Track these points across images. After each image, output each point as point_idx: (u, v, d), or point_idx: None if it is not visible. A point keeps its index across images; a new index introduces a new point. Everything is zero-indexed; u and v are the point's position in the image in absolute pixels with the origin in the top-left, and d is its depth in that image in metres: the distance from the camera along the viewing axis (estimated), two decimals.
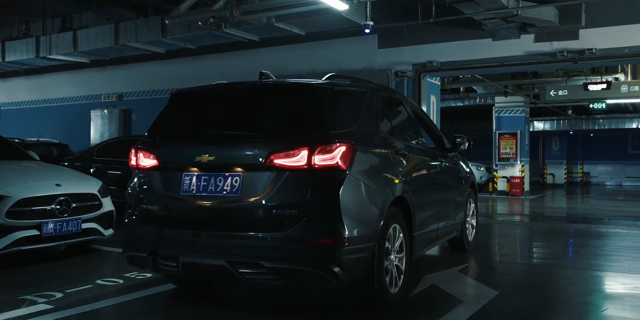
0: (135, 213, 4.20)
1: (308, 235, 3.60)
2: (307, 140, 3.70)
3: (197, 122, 4.33)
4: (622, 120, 26.47)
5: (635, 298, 4.57)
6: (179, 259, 3.88)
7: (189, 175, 3.94)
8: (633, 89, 15.07)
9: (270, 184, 3.69)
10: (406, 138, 5.00)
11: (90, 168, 10.17)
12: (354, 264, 3.68)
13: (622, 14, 9.55)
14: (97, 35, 12.81)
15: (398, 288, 4.20)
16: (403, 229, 4.29)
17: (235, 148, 3.93)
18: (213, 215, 3.88)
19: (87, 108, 15.43)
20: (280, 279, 3.69)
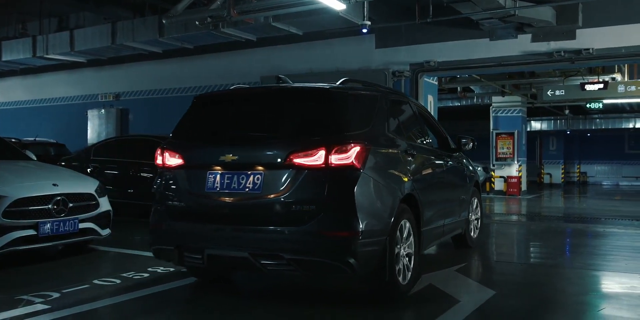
0: (161, 209, 4.46)
1: (325, 229, 3.87)
2: (325, 141, 3.97)
3: (219, 124, 4.61)
4: (619, 120, 26.52)
5: (632, 297, 4.58)
6: (204, 252, 4.13)
7: (213, 174, 4.21)
8: (630, 88, 15.11)
9: (290, 181, 3.97)
10: (414, 138, 5.26)
11: (87, 168, 10.15)
12: (368, 255, 3.94)
13: (619, 14, 9.57)
14: (94, 35, 12.78)
15: (407, 280, 4.45)
16: (412, 225, 4.55)
17: (257, 148, 4.20)
18: (236, 211, 4.16)
19: (84, 108, 15.41)
20: (299, 269, 3.96)
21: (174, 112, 14.09)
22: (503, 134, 18.43)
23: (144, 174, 9.84)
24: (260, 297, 4.72)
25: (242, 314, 4.10)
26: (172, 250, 4.31)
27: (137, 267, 5.53)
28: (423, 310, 4.27)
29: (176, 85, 14.02)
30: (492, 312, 4.13)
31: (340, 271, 3.93)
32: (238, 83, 13.30)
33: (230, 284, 5.08)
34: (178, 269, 5.45)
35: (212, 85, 13.35)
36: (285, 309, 4.21)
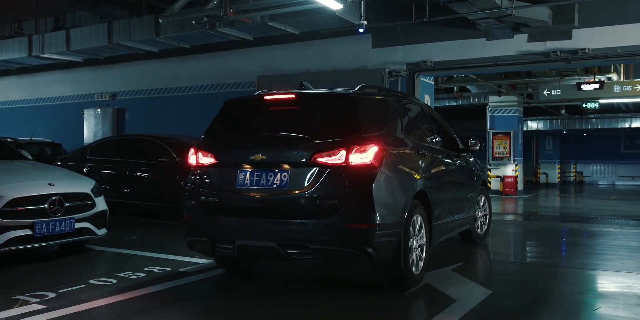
0: (194, 204, 4.85)
1: (346, 221, 4.26)
2: (345, 142, 4.38)
3: (248, 126, 4.99)
4: (615, 119, 26.58)
5: (628, 297, 4.59)
6: (235, 242, 4.53)
7: (243, 171, 4.62)
8: (626, 88, 15.13)
9: (314, 178, 4.36)
10: (424, 139, 5.66)
11: (83, 167, 10.13)
12: (385, 246, 4.34)
13: (615, 14, 9.59)
14: (90, 34, 12.75)
15: (419, 270, 4.83)
16: (424, 219, 4.94)
17: (284, 148, 4.59)
18: (265, 205, 4.55)
19: (80, 107, 15.36)
20: (322, 258, 4.36)
21: (171, 111, 14.17)
22: (499, 133, 18.46)
23: (140, 173, 9.82)
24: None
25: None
26: (205, 241, 4.71)
27: (133, 267, 5.52)
28: (420, 309, 4.27)
29: (173, 85, 13.99)
30: (488, 312, 4.13)
31: (359, 260, 4.34)
32: (235, 82, 13.32)
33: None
34: (175, 269, 5.45)
35: (208, 85, 13.34)
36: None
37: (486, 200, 7.34)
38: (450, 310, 4.10)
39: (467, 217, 6.49)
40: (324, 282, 5.11)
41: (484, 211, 7.23)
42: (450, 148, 6.33)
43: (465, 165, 6.65)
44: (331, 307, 4.25)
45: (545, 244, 7.66)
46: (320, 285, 4.99)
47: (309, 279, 5.31)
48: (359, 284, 5.07)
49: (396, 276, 4.63)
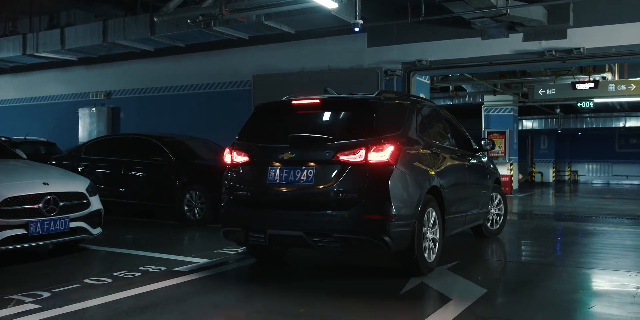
0: (230, 198, 5.32)
1: (366, 213, 4.74)
2: (365, 142, 4.86)
3: (277, 128, 5.51)
4: (609, 119, 26.67)
5: (622, 295, 4.61)
6: (266, 232, 5.01)
7: (273, 169, 5.10)
8: (620, 88, 15.18)
9: (336, 174, 4.85)
10: (439, 140, 6.08)
11: (78, 166, 10.11)
12: (400, 235, 4.80)
13: (609, 14, 9.62)
14: (85, 33, 12.70)
15: (433, 258, 5.30)
16: (437, 213, 5.39)
17: (310, 148, 5.05)
18: (293, 199, 5.02)
19: (75, 106, 15.31)
20: (344, 246, 4.85)
21: (166, 110, 14.14)
22: (495, 132, 18.49)
23: (135, 172, 9.81)
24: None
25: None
26: (239, 231, 5.19)
27: (128, 266, 5.51)
28: (415, 308, 4.28)
29: (168, 84, 13.95)
30: (483, 311, 4.14)
31: (377, 247, 4.82)
32: (230, 82, 13.30)
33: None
34: (170, 268, 5.44)
35: (204, 84, 13.32)
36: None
37: (500, 198, 7.71)
38: (445, 309, 4.11)
39: (479, 213, 6.92)
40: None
41: (497, 208, 7.65)
42: (464, 148, 6.77)
43: (479, 164, 7.08)
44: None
45: (540, 242, 7.68)
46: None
47: (312, 273, 5.32)
48: (357, 283, 5.08)
49: (411, 263, 5.08)
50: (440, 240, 5.44)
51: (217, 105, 13.02)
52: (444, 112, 6.76)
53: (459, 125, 7.02)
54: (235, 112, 12.67)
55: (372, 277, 5.23)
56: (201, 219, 8.88)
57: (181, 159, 9.49)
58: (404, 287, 4.74)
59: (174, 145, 9.87)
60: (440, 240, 5.43)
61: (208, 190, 8.91)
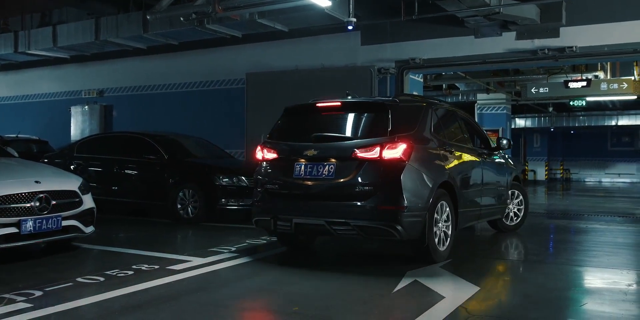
0: (261, 190, 5.87)
1: (380, 204, 5.24)
2: (380, 141, 5.36)
3: (303, 127, 6.04)
4: (601, 117, 26.82)
5: (614, 292, 4.63)
6: (292, 221, 5.56)
7: (299, 164, 5.64)
8: (612, 86, 15.27)
9: (354, 169, 5.36)
10: (454, 139, 6.53)
11: (70, 165, 10.07)
12: (411, 225, 5.27)
13: (601, 13, 9.65)
14: (77, 31, 12.64)
15: (445, 247, 5.79)
16: (450, 206, 5.85)
17: (331, 146, 5.59)
18: (315, 191, 5.55)
19: (67, 104, 15.23)
20: (361, 233, 5.37)
21: (159, 108, 14.09)
22: (488, 130, 18.50)
23: (128, 171, 9.77)
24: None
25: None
26: (268, 220, 5.71)
27: (121, 265, 5.49)
28: (408, 306, 4.29)
29: (161, 82, 13.91)
30: (476, 308, 4.15)
31: (390, 235, 5.28)
32: (223, 80, 13.27)
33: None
34: (163, 267, 5.43)
35: (197, 82, 13.29)
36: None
37: (520, 195, 8.04)
38: (438, 307, 4.12)
39: (496, 208, 7.38)
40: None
41: (517, 204, 8.04)
42: (482, 146, 7.33)
43: (496, 162, 7.50)
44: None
45: (532, 240, 7.71)
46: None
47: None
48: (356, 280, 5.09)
49: (422, 251, 5.57)
50: (453, 232, 5.94)
51: (210, 103, 13.00)
52: (461, 113, 7.24)
53: (477, 125, 7.66)
54: (228, 110, 12.66)
55: (367, 274, 5.23)
56: (194, 218, 8.87)
57: (174, 157, 9.47)
58: (397, 285, 4.75)
59: (167, 144, 9.84)
60: (452, 231, 5.92)
61: (201, 189, 8.90)
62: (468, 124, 7.21)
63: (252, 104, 11.90)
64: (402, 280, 4.93)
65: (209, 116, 12.92)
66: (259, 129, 11.70)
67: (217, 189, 8.85)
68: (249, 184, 9.01)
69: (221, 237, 7.45)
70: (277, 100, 11.60)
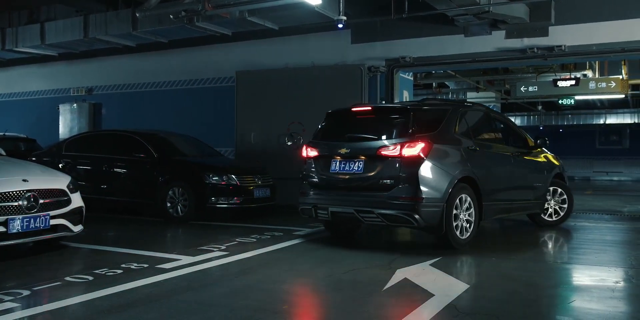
0: (305, 183, 6.85)
1: (401, 195, 6.05)
2: (401, 140, 6.17)
3: (340, 129, 6.96)
4: (590, 116, 27.04)
5: (602, 290, 4.67)
6: (328, 209, 6.47)
7: (335, 161, 6.57)
8: (600, 85, 15.38)
9: (379, 165, 6.22)
10: (482, 138, 7.17)
11: (59, 163, 10.00)
12: (428, 214, 6.01)
13: (590, 12, 9.70)
14: (65, 28, 12.52)
15: (466, 236, 6.43)
16: (472, 199, 6.48)
17: (360, 145, 6.49)
18: (347, 184, 6.48)
19: (55, 102, 15.10)
20: (384, 220, 6.18)
21: (148, 106, 14.03)
22: None
23: (117, 169, 9.73)
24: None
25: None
26: (310, 209, 6.67)
27: (110, 264, 5.47)
28: (398, 304, 4.30)
29: (150, 80, 13.82)
30: (465, 306, 4.17)
31: (409, 223, 6.07)
32: (213, 78, 13.23)
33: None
34: (153, 266, 5.41)
35: (186, 80, 13.23)
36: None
37: (564, 192, 8.43)
38: (428, 305, 4.13)
39: (532, 203, 7.86)
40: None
41: (559, 201, 8.42)
42: (518, 145, 7.89)
43: (532, 160, 7.98)
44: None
45: (521, 238, 7.75)
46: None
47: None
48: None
49: (441, 238, 6.27)
50: (476, 222, 6.55)
51: (200, 101, 12.94)
52: (495, 115, 7.97)
53: (515, 126, 8.38)
54: (218, 108, 12.61)
55: (360, 272, 5.24)
56: (184, 216, 8.84)
57: (164, 156, 9.43)
58: (387, 283, 4.76)
59: (156, 142, 9.80)
60: (475, 222, 6.53)
61: (191, 187, 8.87)
62: (503, 125, 8.01)
63: (242, 102, 11.87)
64: (392, 278, 4.94)
65: (199, 114, 12.87)
66: (249, 127, 11.68)
67: (207, 188, 8.83)
68: (239, 182, 9.01)
69: (211, 236, 7.44)
70: (267, 99, 11.62)
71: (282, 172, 10.68)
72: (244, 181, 9.10)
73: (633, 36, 9.35)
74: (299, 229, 7.96)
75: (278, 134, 11.33)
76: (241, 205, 9.05)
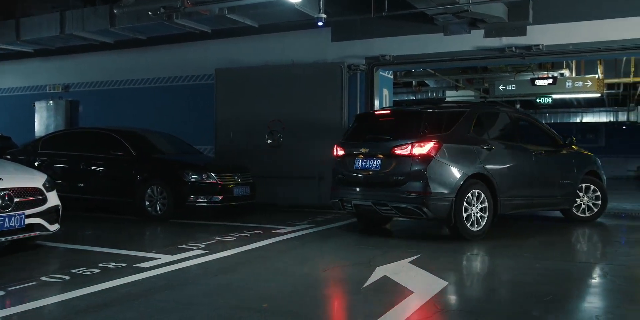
0: (335, 179, 7.61)
1: (411, 190, 6.70)
2: (412, 140, 6.80)
3: (364, 130, 7.73)
4: (567, 114, 27.35)
5: (579, 285, 4.73)
6: (352, 202, 7.24)
7: (357, 159, 7.29)
8: (577, 84, 15.59)
9: (393, 163, 6.91)
10: (498, 138, 7.62)
11: (34, 161, 9.86)
12: (436, 207, 6.63)
13: (567, 12, 9.81)
14: (41, 24, 12.32)
15: (478, 228, 6.95)
16: (486, 194, 6.98)
17: (377, 145, 7.24)
18: (367, 180, 7.20)
19: (31, 99, 14.86)
20: (397, 212, 6.94)
21: (127, 104, 13.89)
22: None
23: (95, 167, 9.61)
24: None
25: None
26: (338, 202, 7.43)
27: (87, 263, 5.40)
28: (378, 301, 4.31)
29: (128, 77, 13.66)
30: (444, 302, 4.20)
31: (419, 215, 6.74)
32: (193, 75, 13.12)
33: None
34: (131, 265, 5.36)
35: (165, 77, 13.10)
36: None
37: (597, 189, 8.70)
38: (407, 302, 4.15)
39: (559, 199, 8.26)
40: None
41: (592, 197, 8.69)
42: (545, 144, 8.38)
43: (560, 157, 8.43)
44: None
45: (498, 235, 7.81)
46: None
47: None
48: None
49: (452, 229, 6.88)
50: (491, 215, 7.04)
51: (179, 99, 12.83)
52: (518, 115, 8.49)
53: (541, 125, 8.83)
54: (197, 106, 12.52)
55: (339, 270, 5.25)
56: (163, 215, 8.77)
57: (142, 154, 9.34)
58: (367, 280, 4.77)
59: (134, 140, 9.70)
60: (490, 215, 7.02)
61: (170, 185, 8.80)
62: (529, 124, 8.58)
63: (221, 100, 11.80)
64: (372, 275, 4.95)
65: (178, 112, 12.76)
66: (229, 125, 11.62)
67: (186, 186, 8.77)
68: (218, 180, 8.96)
69: (190, 234, 7.39)
70: (246, 96, 11.57)
71: (262, 170, 10.66)
72: (224, 179, 9.05)
73: (608, 36, 9.49)
74: (279, 227, 7.94)
75: (256, 132, 11.30)
76: (221, 204, 9.00)
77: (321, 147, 10.66)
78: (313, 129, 10.84)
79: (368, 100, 10.96)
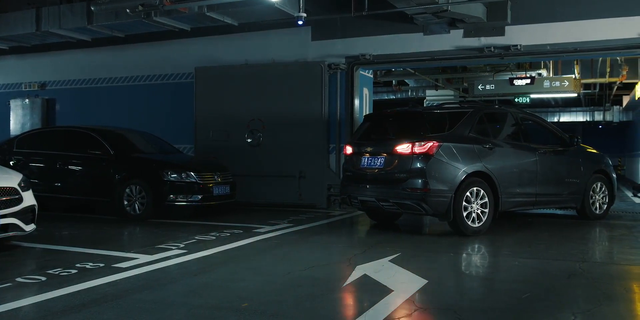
0: (344, 176, 8.11)
1: (411, 187, 7.04)
2: (412, 140, 7.13)
3: (370, 130, 8.08)
4: (545, 114, 27.68)
5: (556, 283, 4.78)
6: (358, 198, 7.64)
7: (364, 157, 7.66)
8: (555, 84, 15.80)
9: (395, 161, 7.25)
10: (500, 137, 7.97)
11: (10, 161, 9.70)
12: (435, 203, 6.96)
13: (544, 12, 9.93)
14: (16, 21, 12.09)
15: (478, 224, 7.26)
16: (487, 191, 7.30)
17: (381, 144, 7.61)
18: (372, 177, 7.53)
19: (6, 97, 14.61)
20: (399, 208, 7.29)
21: (105, 102, 13.72)
22: None
23: (72, 166, 9.49)
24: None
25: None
26: (346, 198, 7.84)
27: (64, 264, 5.33)
28: (357, 300, 4.31)
29: (106, 75, 13.51)
30: (424, 300, 4.22)
31: (418, 211, 7.09)
32: (172, 74, 13.01)
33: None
34: (109, 265, 5.30)
35: (144, 76, 12.99)
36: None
37: (606, 188, 8.97)
38: (387, 300, 4.16)
39: (565, 197, 8.49)
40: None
41: (601, 195, 8.94)
42: (551, 143, 8.64)
43: (567, 157, 8.66)
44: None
45: (479, 235, 7.88)
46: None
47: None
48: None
49: (451, 224, 7.22)
50: (492, 212, 7.33)
51: (158, 97, 12.72)
52: (523, 115, 8.59)
53: (548, 125, 9.11)
54: (176, 104, 12.42)
55: (319, 269, 5.24)
56: (141, 214, 8.70)
57: (120, 153, 9.25)
58: (347, 279, 4.77)
59: (113, 138, 9.60)
60: (491, 212, 7.32)
61: (149, 185, 8.73)
62: (535, 125, 8.84)
63: (201, 99, 11.72)
64: (352, 274, 4.96)
65: (157, 111, 12.65)
66: (208, 124, 11.55)
67: (165, 185, 8.70)
68: (198, 179, 8.90)
69: (169, 234, 7.33)
70: (226, 95, 11.51)
71: (243, 169, 10.62)
72: (204, 178, 9.00)
73: (585, 37, 9.63)
74: (259, 227, 7.92)
75: (235, 131, 11.25)
76: (200, 203, 8.95)
77: (301, 146, 10.67)
78: (293, 128, 10.82)
79: (348, 99, 10.98)
